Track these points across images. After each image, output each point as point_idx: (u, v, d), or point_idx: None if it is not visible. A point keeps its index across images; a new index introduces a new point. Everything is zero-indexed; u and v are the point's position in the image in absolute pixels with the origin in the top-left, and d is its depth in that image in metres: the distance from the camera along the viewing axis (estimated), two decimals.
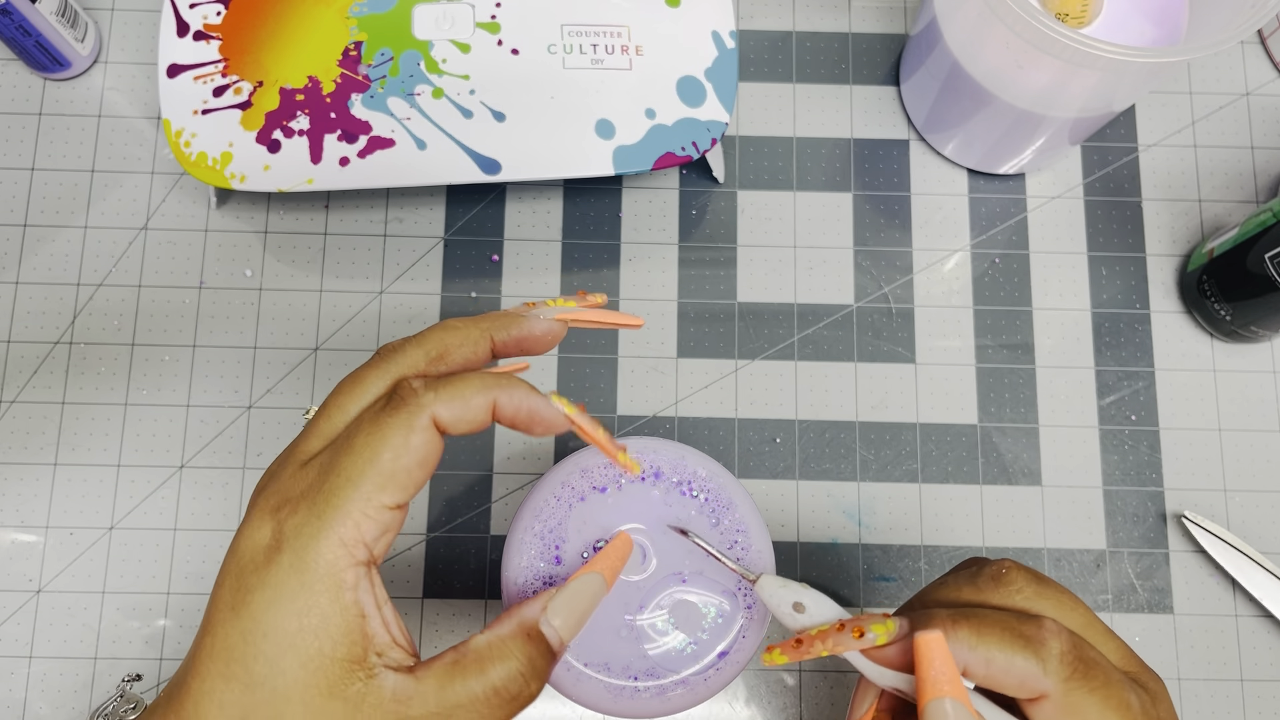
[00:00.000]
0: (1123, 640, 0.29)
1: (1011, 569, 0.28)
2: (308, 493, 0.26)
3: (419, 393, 0.27)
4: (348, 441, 0.27)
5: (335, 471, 0.26)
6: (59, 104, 0.51)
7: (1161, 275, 0.50)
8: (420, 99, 0.44)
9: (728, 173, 0.51)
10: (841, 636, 0.27)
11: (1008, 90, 0.43)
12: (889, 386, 0.49)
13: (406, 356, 0.29)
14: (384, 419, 0.27)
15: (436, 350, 0.29)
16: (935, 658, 0.25)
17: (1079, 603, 0.28)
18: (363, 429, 0.27)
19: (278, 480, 0.27)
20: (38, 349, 0.48)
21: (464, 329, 0.29)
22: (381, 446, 0.26)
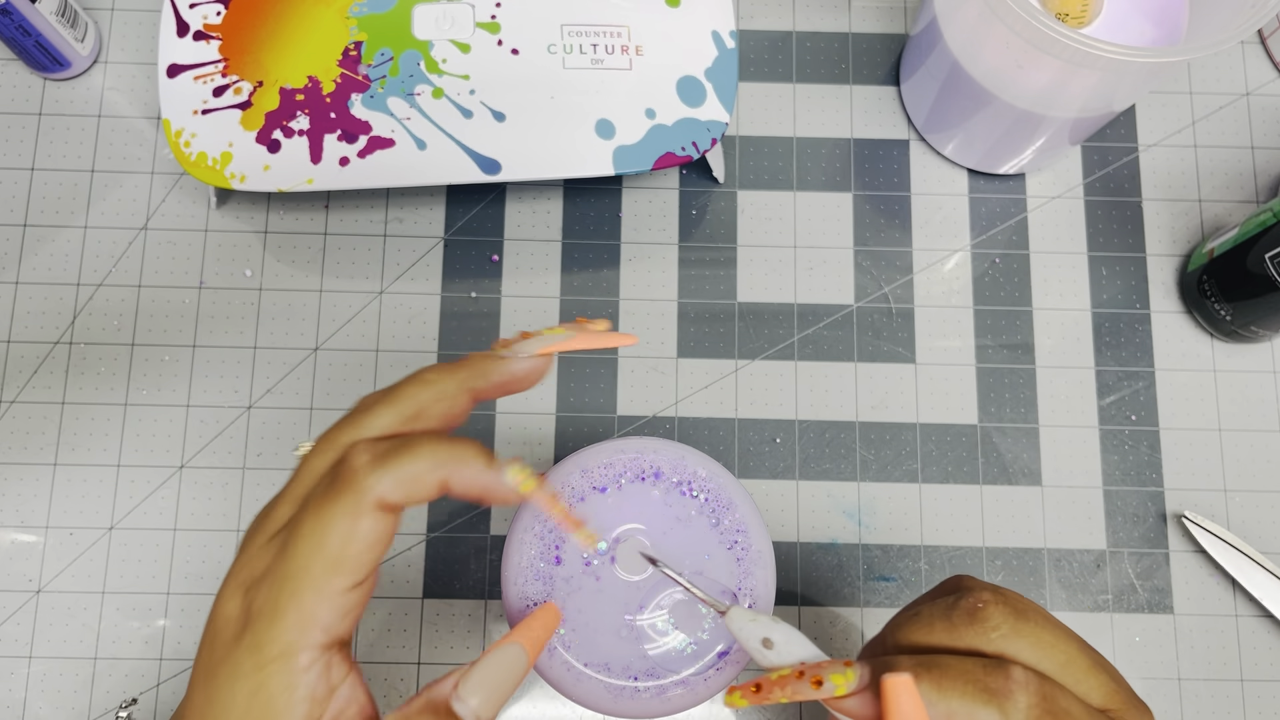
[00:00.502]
0: (1112, 672, 0.27)
1: (989, 604, 0.27)
2: (268, 574, 0.26)
3: (362, 474, 0.25)
4: (297, 525, 0.26)
5: (287, 556, 0.26)
6: (59, 104, 0.51)
7: (1161, 275, 0.50)
8: (420, 99, 0.44)
9: (728, 173, 0.51)
10: (800, 685, 0.26)
11: (1008, 90, 0.43)
12: (889, 386, 0.49)
13: (379, 419, 0.27)
14: (329, 503, 0.26)
15: (411, 410, 0.28)
16: (903, 702, 0.24)
17: (1061, 635, 0.27)
18: (310, 512, 0.26)
19: (247, 552, 0.27)
20: (38, 349, 0.48)
21: (440, 383, 0.28)
22: (326, 534, 0.25)
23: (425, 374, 0.28)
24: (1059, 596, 0.46)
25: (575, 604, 0.33)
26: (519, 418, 0.48)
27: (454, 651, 0.46)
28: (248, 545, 0.27)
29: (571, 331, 0.30)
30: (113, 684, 0.45)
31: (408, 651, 0.46)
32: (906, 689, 0.24)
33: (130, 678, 0.45)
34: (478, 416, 0.48)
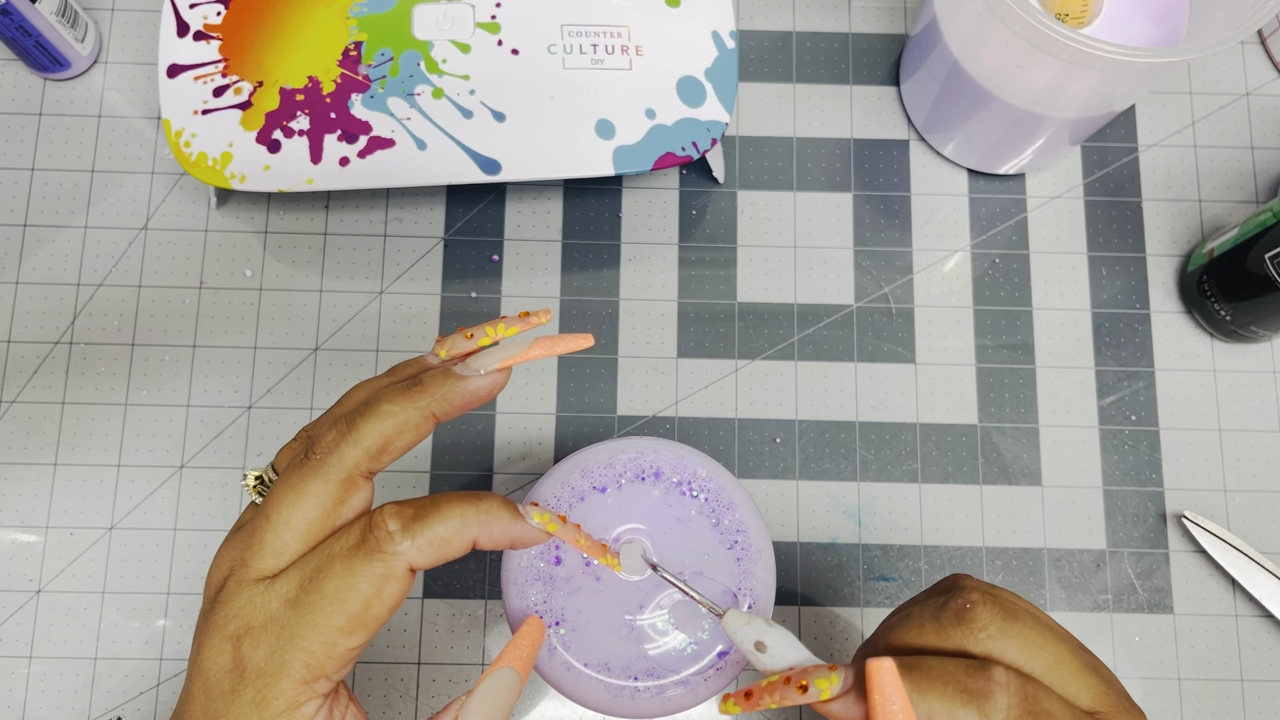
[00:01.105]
0: (1105, 674, 0.27)
1: (977, 604, 0.27)
2: (270, 626, 0.26)
3: (395, 539, 0.26)
4: (318, 583, 0.26)
5: (303, 611, 0.26)
6: (59, 104, 0.51)
7: (1161, 275, 0.50)
8: (420, 99, 0.44)
9: (728, 173, 0.51)
10: (787, 690, 0.27)
11: (1008, 90, 0.43)
12: (889, 386, 0.49)
13: (344, 459, 0.27)
14: (358, 565, 0.26)
15: (377, 445, 0.28)
16: (885, 686, 0.25)
17: (1051, 636, 0.27)
18: (334, 571, 0.26)
19: (235, 600, 0.27)
20: (38, 349, 0.48)
21: (402, 413, 0.28)
22: (353, 596, 0.26)
23: (384, 405, 0.28)
24: (1059, 596, 0.46)
25: (575, 604, 0.33)
26: (519, 418, 0.48)
27: (454, 651, 0.46)
28: (235, 592, 0.27)
29: (525, 340, 0.30)
30: (113, 684, 0.45)
31: (408, 651, 0.46)
32: (889, 672, 0.25)
33: (130, 678, 0.45)
34: (478, 417, 0.48)
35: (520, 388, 0.48)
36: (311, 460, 0.27)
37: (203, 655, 0.27)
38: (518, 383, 0.48)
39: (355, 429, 0.27)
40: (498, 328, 0.30)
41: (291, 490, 0.27)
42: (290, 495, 0.27)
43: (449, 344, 0.30)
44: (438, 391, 0.28)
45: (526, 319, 0.31)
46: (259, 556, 0.27)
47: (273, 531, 0.27)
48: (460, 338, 0.30)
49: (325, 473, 0.27)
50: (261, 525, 0.27)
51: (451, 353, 0.30)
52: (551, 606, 0.33)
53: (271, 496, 0.27)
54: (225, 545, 0.28)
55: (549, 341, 0.30)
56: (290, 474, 0.27)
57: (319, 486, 0.27)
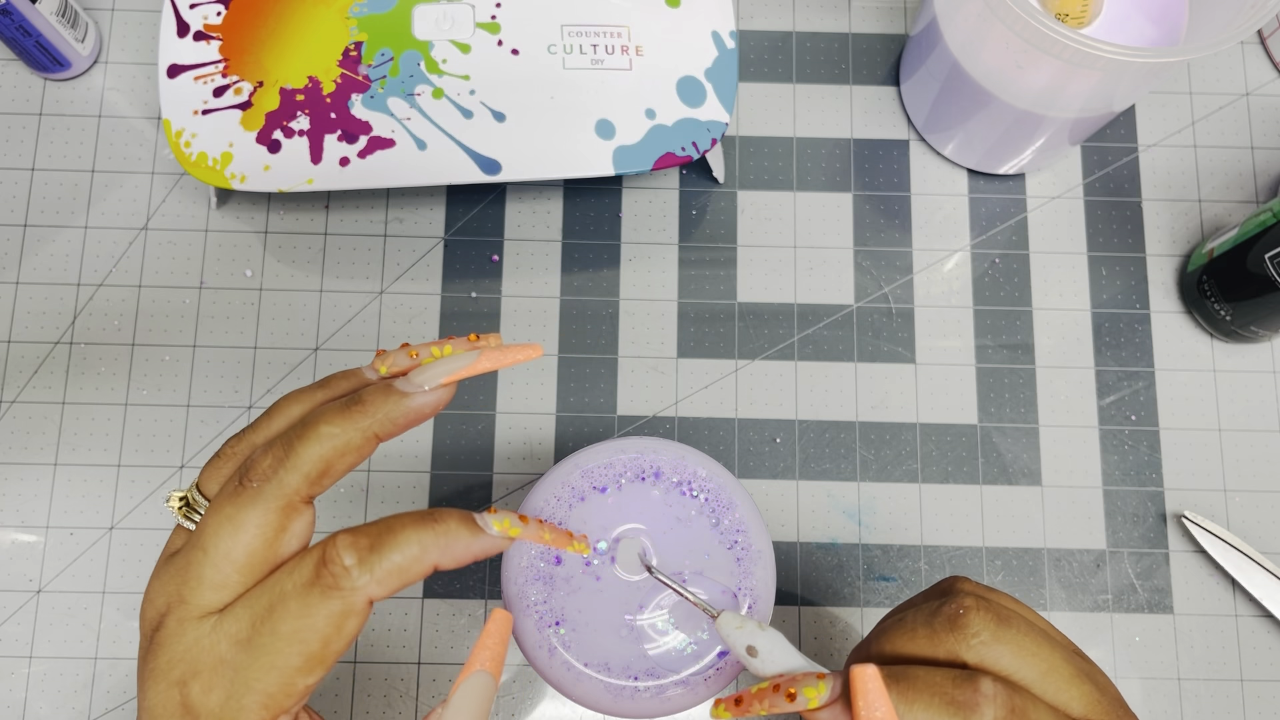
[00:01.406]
0: (1099, 681, 0.27)
1: (970, 610, 0.27)
2: (221, 669, 0.25)
3: (352, 575, 0.24)
4: (271, 623, 0.25)
5: (258, 653, 0.25)
6: (59, 104, 0.51)
7: (1161, 275, 0.50)
8: (420, 99, 0.44)
9: (728, 173, 0.51)
10: (776, 697, 0.27)
11: (1008, 90, 0.43)
12: (889, 386, 0.49)
13: (282, 486, 0.26)
14: (315, 603, 0.24)
15: (317, 470, 0.26)
16: (869, 693, 0.25)
17: (1044, 643, 0.27)
18: (290, 610, 0.24)
19: (177, 642, 0.25)
20: (38, 349, 0.48)
21: (342, 435, 0.26)
22: (312, 635, 0.24)
23: (323, 426, 0.26)
24: (1059, 596, 0.46)
25: (575, 604, 0.33)
26: (519, 418, 0.48)
27: (454, 651, 0.46)
28: (175, 633, 0.25)
29: (471, 352, 0.28)
30: (113, 684, 0.45)
31: (408, 652, 0.46)
32: (873, 679, 0.25)
33: (130, 678, 0.45)
34: (477, 417, 0.48)
35: (520, 388, 0.48)
36: (248, 487, 0.26)
37: (149, 701, 0.25)
38: (518, 383, 0.48)
39: (293, 453, 0.26)
40: (444, 348, 0.29)
41: (228, 521, 0.25)
42: (228, 526, 0.25)
43: (390, 359, 0.29)
44: (379, 411, 0.27)
45: (474, 343, 0.29)
46: (198, 592, 0.25)
47: (211, 565, 0.25)
48: (403, 354, 0.29)
49: (264, 501, 0.26)
50: (198, 559, 0.26)
51: (393, 369, 0.29)
52: (551, 606, 0.33)
53: (206, 527, 0.26)
54: (157, 578, 0.26)
55: (495, 354, 0.28)
56: (225, 502, 0.26)
57: (258, 516, 0.25)
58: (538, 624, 0.33)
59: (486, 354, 0.28)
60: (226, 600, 0.26)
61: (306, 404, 0.28)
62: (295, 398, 0.29)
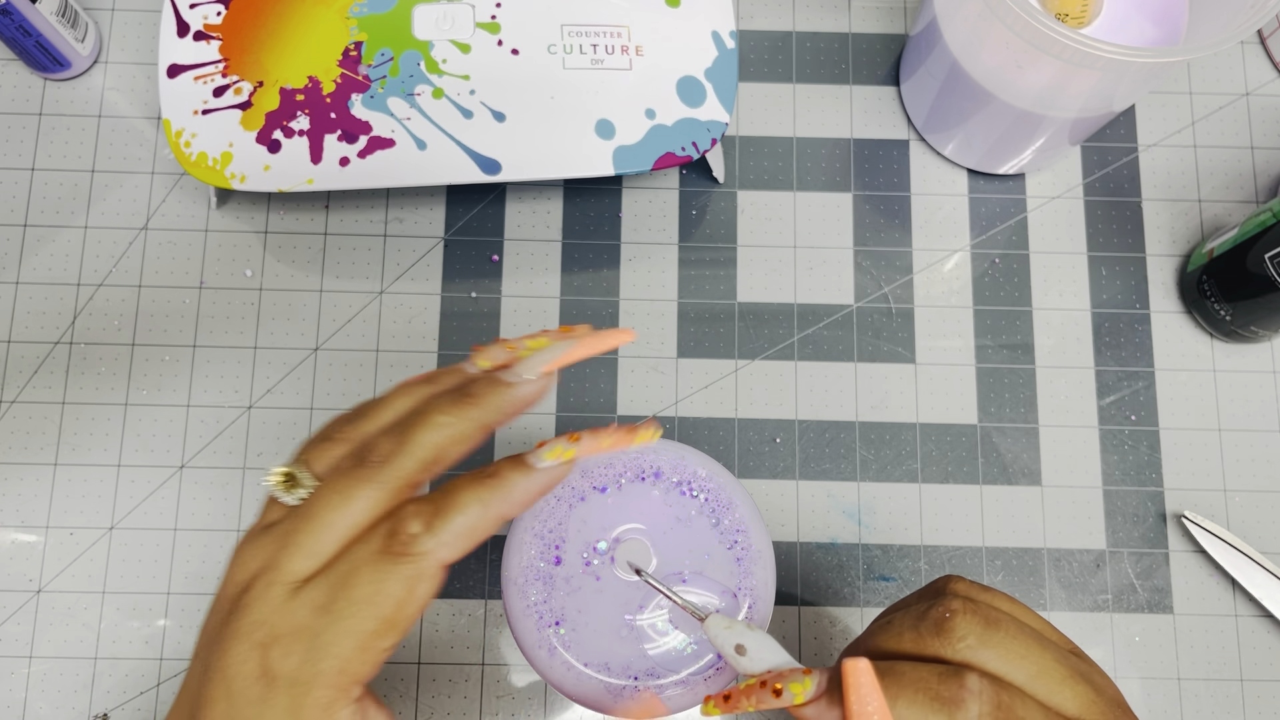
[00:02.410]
0: (1095, 681, 0.27)
1: (956, 614, 0.27)
2: (301, 634, 0.26)
3: (420, 541, 0.26)
4: (347, 589, 0.26)
5: (334, 618, 0.26)
6: (59, 104, 0.51)
7: (1161, 275, 0.50)
8: (420, 99, 0.44)
9: (728, 173, 0.51)
10: (763, 693, 0.27)
11: (1008, 90, 0.43)
12: (889, 386, 0.49)
13: (398, 470, 0.27)
14: (387, 567, 0.26)
15: (431, 456, 0.27)
16: (861, 686, 0.25)
17: (1035, 645, 0.27)
18: (364, 577, 0.26)
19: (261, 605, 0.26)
20: (38, 349, 0.48)
21: (455, 424, 0.28)
22: (385, 599, 0.26)
23: (436, 415, 0.28)
24: (1059, 596, 0.46)
25: (575, 604, 0.33)
26: (519, 417, 0.48)
27: (454, 651, 0.46)
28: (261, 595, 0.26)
29: (567, 340, 0.29)
30: (113, 684, 0.45)
31: (408, 652, 0.46)
32: (865, 673, 0.25)
33: (130, 678, 0.45)
34: None
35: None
36: (366, 467, 0.27)
37: (226, 660, 0.26)
38: None
39: (410, 439, 0.27)
40: (538, 340, 0.30)
41: (339, 494, 0.27)
42: (337, 498, 0.27)
43: (488, 353, 0.30)
44: (489, 402, 0.28)
45: (567, 333, 0.30)
46: (293, 558, 0.27)
47: (312, 534, 0.27)
48: (500, 348, 0.30)
49: (378, 481, 0.27)
50: (300, 526, 0.27)
51: (494, 363, 0.30)
52: (551, 606, 0.33)
53: (317, 499, 0.27)
54: (251, 543, 0.28)
55: (591, 340, 0.29)
56: (340, 478, 0.27)
57: (370, 493, 0.27)
58: (538, 624, 0.33)
59: (582, 341, 0.29)
60: (315, 569, 0.27)
61: (414, 397, 0.29)
62: (403, 390, 0.30)
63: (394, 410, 0.29)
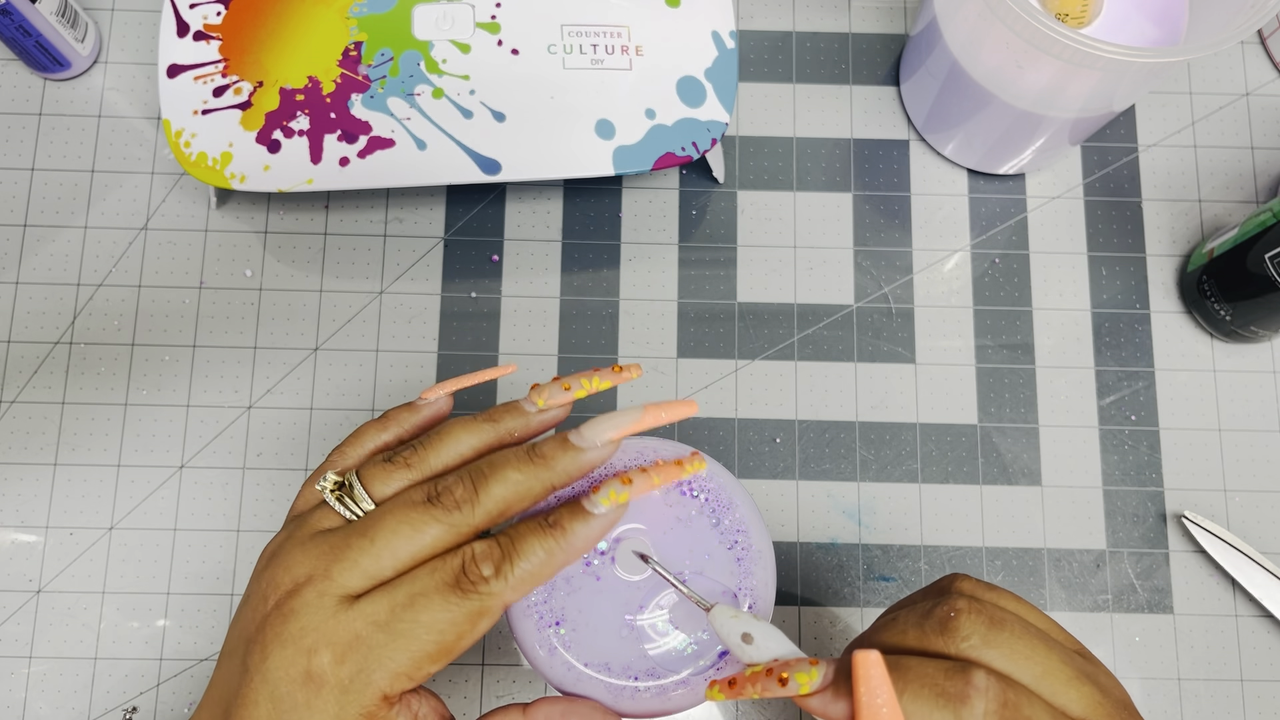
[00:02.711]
0: (1101, 682, 0.27)
1: (961, 614, 0.27)
2: (357, 645, 0.27)
3: (492, 582, 0.28)
4: (413, 611, 0.27)
5: (393, 635, 0.27)
6: (59, 104, 0.51)
7: (1161, 275, 0.50)
8: (420, 99, 0.44)
9: (728, 173, 0.51)
10: (768, 681, 0.27)
11: (1008, 90, 0.43)
12: (889, 386, 0.49)
13: (469, 517, 0.29)
14: (456, 600, 0.27)
15: (499, 510, 0.29)
16: (871, 678, 0.25)
17: (1040, 646, 0.27)
18: (431, 604, 0.27)
19: (313, 613, 0.27)
20: (38, 349, 0.48)
21: (525, 482, 0.29)
22: (450, 628, 0.27)
23: (510, 472, 0.29)
24: (1059, 596, 0.46)
25: (575, 604, 0.33)
26: None
27: None
28: (312, 604, 0.27)
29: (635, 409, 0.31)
30: (113, 684, 0.45)
31: None
32: (876, 664, 0.25)
33: (130, 678, 0.45)
34: None
35: (521, 388, 0.48)
36: (439, 508, 0.29)
37: (270, 663, 0.27)
38: (518, 382, 0.48)
39: (484, 491, 0.29)
40: (593, 380, 0.32)
41: (409, 526, 0.28)
42: (407, 530, 0.28)
43: (546, 394, 0.32)
44: (559, 465, 0.30)
45: (619, 374, 0.32)
46: (349, 574, 0.28)
47: (373, 556, 0.28)
48: (558, 388, 0.32)
49: (449, 524, 0.28)
50: (361, 545, 0.28)
51: (550, 403, 0.32)
52: (551, 606, 0.33)
53: (382, 523, 0.28)
54: (302, 548, 0.29)
55: (657, 410, 0.31)
56: (410, 510, 0.28)
57: (439, 532, 0.28)
58: (538, 624, 0.33)
59: (649, 410, 0.31)
60: (367, 587, 0.28)
61: (476, 436, 0.31)
62: (465, 427, 0.31)
63: (456, 447, 0.31)
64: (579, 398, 0.32)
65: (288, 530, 0.31)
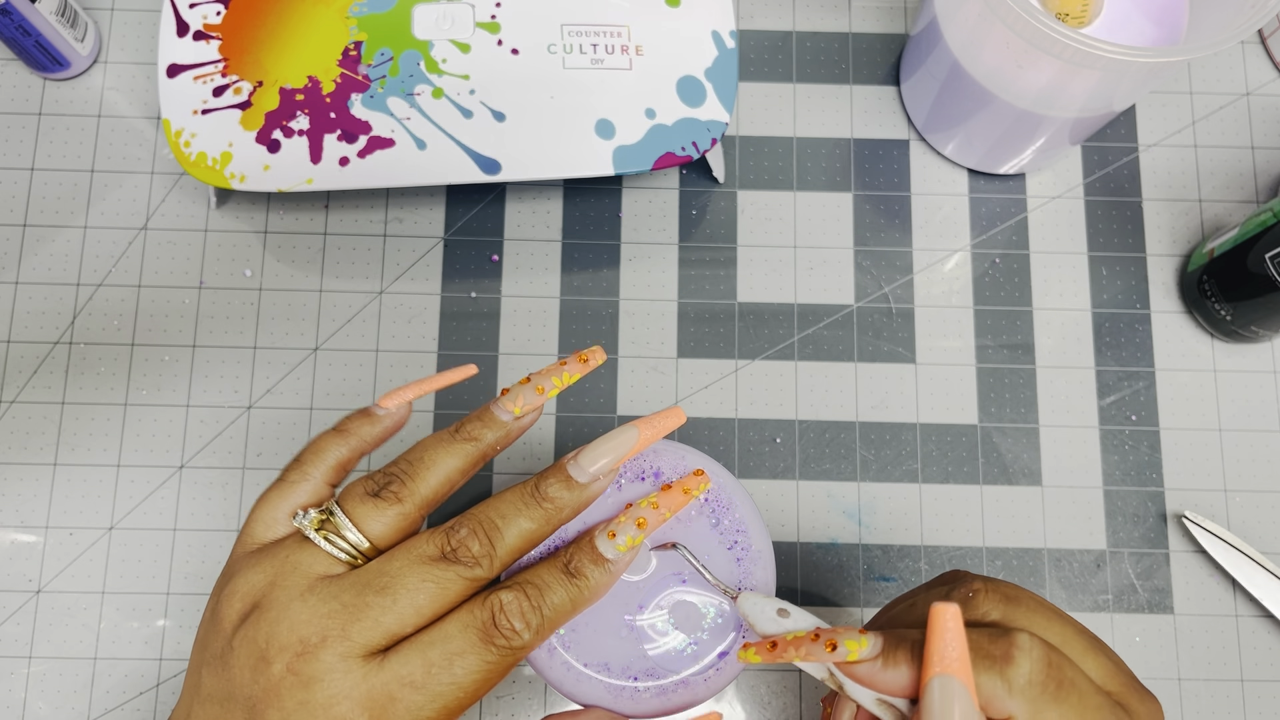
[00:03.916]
0: (1113, 656, 0.27)
1: (980, 592, 0.27)
2: (390, 708, 0.27)
3: (522, 636, 0.28)
4: (448, 671, 0.27)
5: (430, 695, 0.27)
6: (59, 104, 0.51)
7: (1161, 275, 0.50)
8: (420, 99, 0.44)
9: (728, 173, 0.51)
10: (814, 646, 0.27)
11: (1008, 90, 0.43)
12: (889, 386, 0.49)
13: (489, 571, 0.29)
14: (490, 658, 0.28)
15: (513, 559, 0.30)
16: (947, 630, 0.25)
17: (1056, 619, 0.27)
18: (467, 665, 0.27)
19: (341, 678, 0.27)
20: (38, 349, 0.48)
21: (537, 529, 0.30)
22: (482, 684, 0.28)
23: (523, 522, 0.30)
24: (1059, 596, 0.46)
25: None
26: None
27: None
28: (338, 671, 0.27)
29: (630, 430, 0.31)
30: (113, 684, 0.45)
31: None
32: (954, 618, 0.25)
33: (130, 678, 0.45)
34: None
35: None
36: (459, 564, 0.28)
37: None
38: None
39: (500, 544, 0.29)
40: (563, 375, 0.32)
41: (434, 584, 0.28)
42: (432, 588, 0.28)
43: (521, 400, 0.31)
44: (565, 506, 0.30)
45: (586, 364, 0.32)
46: (370, 634, 0.27)
47: (397, 615, 0.27)
48: (530, 391, 0.31)
49: (471, 579, 0.28)
50: (381, 604, 0.27)
51: (525, 407, 0.31)
52: None
53: (404, 583, 0.28)
54: (303, 601, 0.28)
55: (648, 429, 0.31)
56: (431, 567, 0.28)
57: (463, 589, 0.28)
58: None
59: (643, 432, 0.31)
60: (388, 645, 0.28)
61: (459, 458, 0.31)
62: (447, 449, 0.31)
63: (441, 472, 0.30)
64: (552, 397, 0.32)
65: (262, 567, 0.29)
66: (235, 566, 0.30)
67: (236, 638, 0.28)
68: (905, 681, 0.26)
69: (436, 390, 0.35)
